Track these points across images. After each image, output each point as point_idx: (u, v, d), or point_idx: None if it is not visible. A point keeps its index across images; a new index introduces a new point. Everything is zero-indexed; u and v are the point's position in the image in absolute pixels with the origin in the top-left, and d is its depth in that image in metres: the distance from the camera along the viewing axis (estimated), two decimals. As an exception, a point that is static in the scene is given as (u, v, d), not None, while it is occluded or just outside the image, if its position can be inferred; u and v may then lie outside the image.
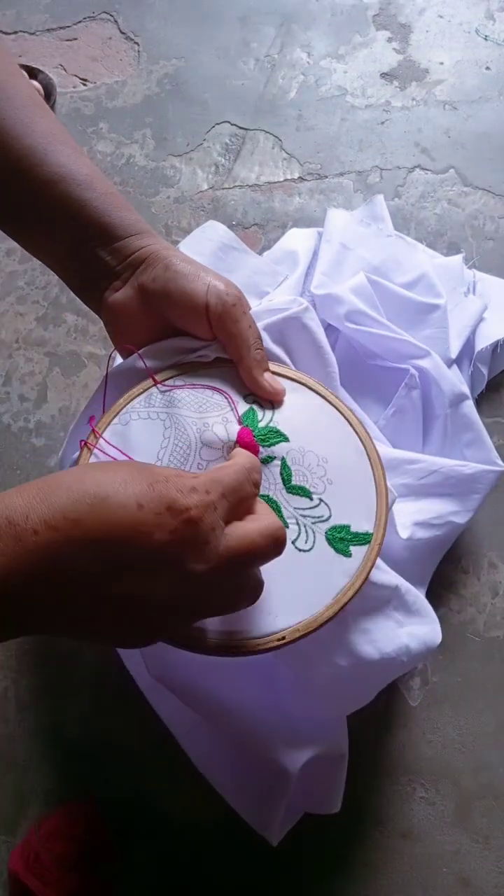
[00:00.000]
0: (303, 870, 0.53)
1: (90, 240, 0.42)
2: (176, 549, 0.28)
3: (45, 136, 0.41)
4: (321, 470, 0.42)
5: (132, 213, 0.43)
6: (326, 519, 0.41)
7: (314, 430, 0.43)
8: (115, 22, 0.84)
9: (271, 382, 0.43)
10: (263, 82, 0.81)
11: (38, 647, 0.58)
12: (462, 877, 0.53)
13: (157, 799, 0.54)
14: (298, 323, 0.47)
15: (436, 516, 0.54)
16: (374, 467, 0.43)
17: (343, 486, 0.42)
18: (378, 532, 0.41)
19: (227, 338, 0.42)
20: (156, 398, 0.43)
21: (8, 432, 0.65)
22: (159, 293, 0.41)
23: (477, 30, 0.83)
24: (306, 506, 0.42)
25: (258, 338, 0.43)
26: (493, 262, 0.71)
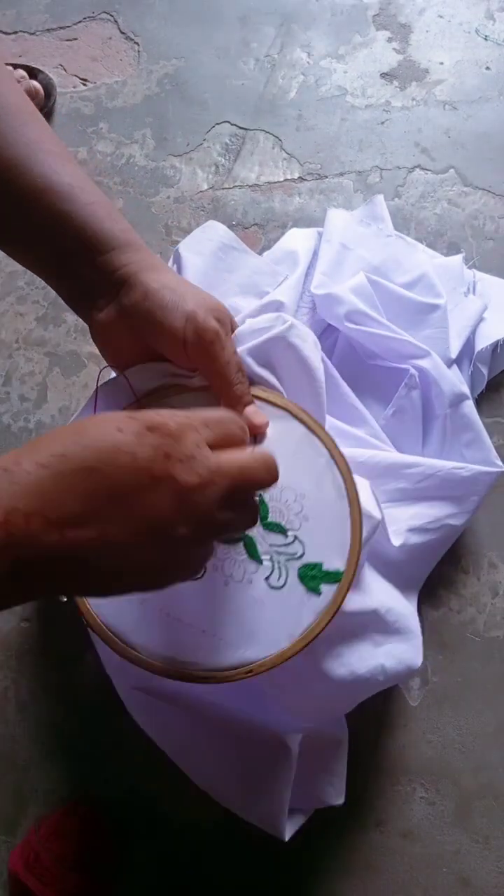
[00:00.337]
0: (303, 870, 0.53)
1: (73, 255, 0.41)
2: (162, 463, 0.29)
3: (29, 145, 0.39)
4: (298, 506, 0.43)
5: (116, 223, 0.41)
6: (300, 556, 0.42)
7: (295, 463, 0.43)
8: (115, 22, 0.84)
9: (253, 418, 0.42)
10: (263, 82, 0.81)
11: (39, 648, 0.58)
12: (462, 877, 0.53)
13: (157, 799, 0.54)
14: (284, 342, 0.45)
15: (432, 520, 0.54)
16: (352, 504, 0.43)
17: (319, 522, 0.42)
18: (349, 571, 0.42)
19: (207, 374, 0.42)
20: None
21: (8, 432, 0.65)
22: (139, 322, 0.41)
23: (477, 30, 0.83)
24: (281, 542, 0.42)
25: (239, 370, 0.42)
26: (493, 262, 0.71)
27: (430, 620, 0.59)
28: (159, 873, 0.53)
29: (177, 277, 0.42)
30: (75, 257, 0.41)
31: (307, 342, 0.46)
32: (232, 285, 0.60)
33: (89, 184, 0.41)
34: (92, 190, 0.41)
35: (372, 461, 0.53)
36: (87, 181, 0.41)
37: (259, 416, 0.43)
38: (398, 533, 0.53)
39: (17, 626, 0.59)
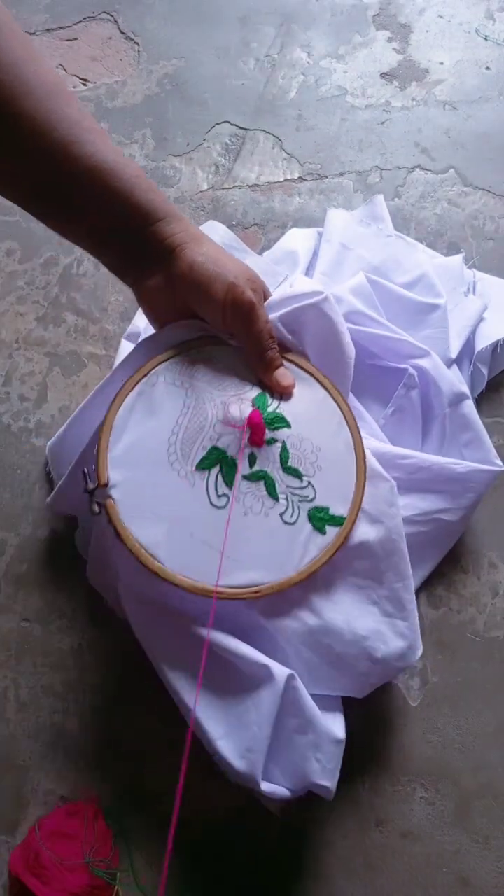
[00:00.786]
0: (303, 870, 0.53)
1: (122, 227, 0.45)
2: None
3: (70, 126, 0.42)
4: (314, 457, 0.49)
5: (158, 195, 0.45)
6: (311, 500, 0.48)
7: (314, 420, 0.49)
8: (115, 22, 0.84)
9: (280, 380, 0.49)
10: (263, 82, 0.81)
11: (38, 648, 0.58)
12: (462, 876, 0.53)
13: (158, 798, 0.54)
14: (317, 311, 0.50)
15: (421, 513, 0.54)
16: (358, 462, 0.49)
17: (330, 473, 0.49)
18: (351, 517, 0.48)
19: (243, 339, 0.48)
20: (181, 366, 0.49)
21: (8, 432, 0.65)
22: (185, 291, 0.47)
23: (477, 30, 0.83)
24: (297, 485, 0.48)
25: (271, 337, 0.48)
26: (493, 262, 0.71)
27: (430, 620, 0.59)
28: (159, 873, 0.53)
29: (217, 248, 0.47)
30: (125, 229, 0.45)
31: (339, 315, 0.50)
32: (232, 285, 0.60)
33: (129, 160, 0.46)
34: (132, 165, 0.45)
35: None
36: (126, 158, 0.45)
37: (287, 378, 0.49)
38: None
39: (18, 627, 0.59)
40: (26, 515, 0.62)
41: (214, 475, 0.47)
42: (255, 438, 0.47)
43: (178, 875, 0.53)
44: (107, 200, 0.43)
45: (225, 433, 0.47)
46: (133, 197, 0.44)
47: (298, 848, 0.53)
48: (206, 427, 0.48)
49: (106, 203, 0.44)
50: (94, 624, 0.58)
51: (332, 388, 0.50)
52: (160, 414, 0.48)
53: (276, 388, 0.49)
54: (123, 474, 0.47)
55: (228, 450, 0.47)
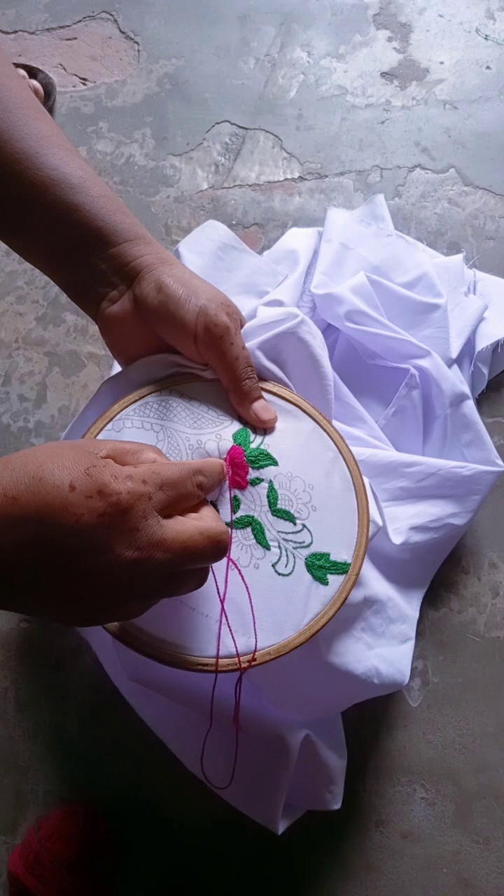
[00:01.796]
0: (303, 870, 0.53)
1: (83, 246, 0.41)
2: (104, 532, 0.29)
3: (39, 139, 0.40)
4: (307, 496, 0.42)
5: (127, 217, 0.42)
6: (308, 545, 0.42)
7: (304, 455, 0.43)
8: (114, 21, 0.84)
9: (259, 413, 0.43)
10: (263, 82, 0.81)
11: (38, 648, 0.58)
12: (462, 878, 0.53)
13: (157, 799, 0.54)
14: (294, 338, 0.45)
15: (434, 519, 0.54)
16: (359, 498, 0.43)
17: (327, 513, 0.42)
18: (356, 563, 0.41)
19: (217, 368, 0.42)
20: (151, 407, 0.43)
21: (7, 432, 0.65)
22: (152, 314, 0.41)
23: (477, 29, 0.83)
24: (289, 530, 0.42)
25: (248, 365, 0.42)
26: (494, 261, 0.71)
27: (431, 620, 0.59)
28: (159, 873, 0.53)
29: (188, 271, 0.42)
30: (86, 248, 0.41)
31: (317, 338, 0.46)
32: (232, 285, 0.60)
33: (97, 178, 0.42)
34: (101, 185, 0.42)
35: (373, 459, 0.53)
36: (96, 176, 0.42)
37: (267, 412, 0.43)
38: (400, 531, 0.53)
39: (17, 627, 0.59)
40: (26, 515, 0.62)
41: None
42: (238, 478, 0.41)
43: (177, 875, 0.53)
44: (68, 217, 0.40)
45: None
46: (97, 215, 0.40)
47: (298, 849, 0.53)
48: None
49: (67, 219, 0.40)
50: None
51: (321, 418, 0.45)
52: None
53: (256, 422, 0.43)
54: None
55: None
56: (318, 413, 0.45)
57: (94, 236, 0.41)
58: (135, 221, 0.42)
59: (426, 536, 0.54)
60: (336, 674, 0.46)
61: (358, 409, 0.56)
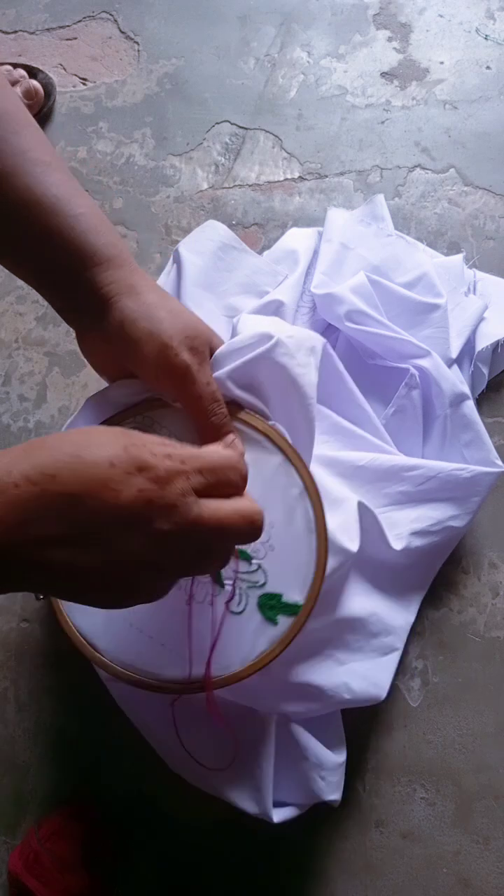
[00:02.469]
0: (303, 870, 0.53)
1: (57, 270, 0.40)
2: (143, 507, 0.29)
3: (14, 156, 0.39)
4: (266, 535, 0.42)
5: (101, 236, 0.40)
6: (261, 585, 0.42)
7: (268, 491, 0.43)
8: (114, 21, 0.84)
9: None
10: (263, 82, 0.81)
11: (38, 648, 0.58)
12: (462, 878, 0.53)
13: (158, 799, 0.54)
14: (269, 362, 0.44)
15: (434, 523, 0.54)
16: (319, 539, 0.42)
17: (284, 553, 0.42)
18: (307, 605, 0.42)
19: (184, 404, 0.41)
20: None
21: (7, 432, 0.65)
22: (117, 349, 0.41)
23: (477, 29, 0.83)
24: (245, 569, 0.43)
25: (214, 401, 0.41)
26: (494, 261, 0.71)
27: (431, 620, 0.59)
28: (159, 873, 0.53)
29: (156, 298, 0.41)
30: (60, 272, 0.40)
31: (297, 356, 0.45)
32: (232, 285, 0.60)
33: (77, 195, 0.40)
34: (79, 202, 0.40)
35: (373, 465, 0.53)
36: (75, 192, 0.40)
37: (235, 448, 0.41)
38: (400, 537, 0.53)
39: (17, 627, 0.59)
40: (26, 515, 0.62)
41: None
42: None
43: (177, 875, 0.53)
44: (40, 240, 0.39)
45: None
46: (68, 237, 0.39)
47: (298, 849, 0.53)
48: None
49: (40, 243, 0.39)
50: (93, 624, 0.58)
51: (291, 451, 0.43)
52: None
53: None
54: None
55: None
56: (288, 446, 0.43)
57: (67, 260, 0.40)
58: (109, 241, 0.41)
59: (426, 541, 0.54)
60: (303, 689, 0.47)
61: (364, 408, 0.56)
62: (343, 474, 0.52)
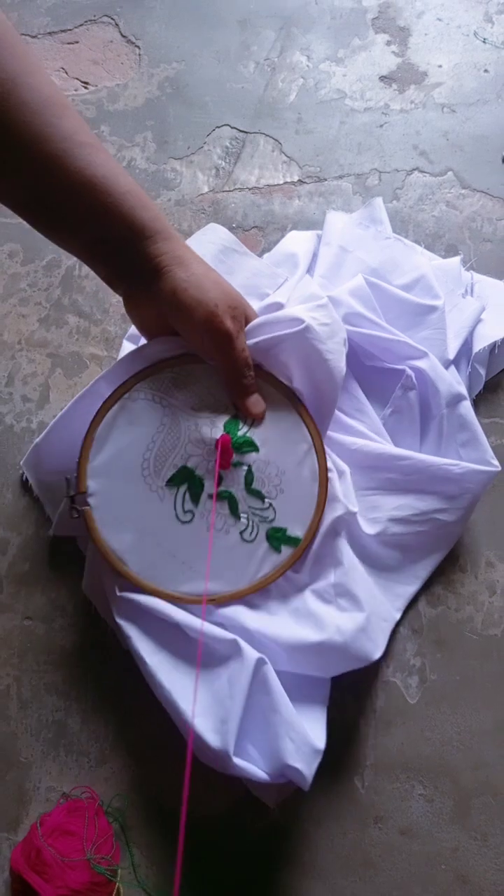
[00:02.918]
0: (302, 867, 0.53)
1: (110, 242, 0.45)
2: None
3: (63, 139, 0.42)
4: (277, 480, 0.52)
5: (148, 211, 0.45)
6: (271, 520, 0.52)
7: (282, 445, 0.52)
8: (116, 25, 0.85)
9: (251, 407, 0.51)
10: (263, 85, 0.81)
11: (41, 646, 0.59)
12: (460, 874, 0.53)
13: (160, 795, 0.55)
14: (299, 338, 0.50)
15: (418, 513, 0.55)
16: (321, 488, 0.52)
17: (291, 496, 0.52)
18: (306, 539, 0.52)
19: (220, 366, 0.50)
20: (163, 383, 0.51)
21: (10, 432, 0.66)
22: (167, 313, 0.48)
23: (475, 33, 0.84)
24: (258, 506, 0.52)
25: (246, 366, 0.49)
26: (491, 263, 0.71)
27: (429, 618, 0.59)
28: (161, 870, 0.53)
29: (203, 269, 0.47)
30: (112, 245, 0.46)
31: (326, 343, 0.51)
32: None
33: (122, 173, 0.45)
34: (125, 179, 0.45)
35: (364, 449, 0.55)
36: (119, 170, 0.45)
37: (258, 406, 0.51)
38: (378, 521, 0.54)
39: (20, 625, 0.59)
40: (29, 515, 0.62)
41: (182, 492, 0.51)
42: (223, 462, 0.50)
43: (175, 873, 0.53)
44: (95, 216, 0.44)
45: (194, 454, 0.51)
46: (121, 213, 0.44)
47: (297, 845, 0.54)
48: (178, 446, 0.51)
49: (94, 218, 0.44)
50: (95, 622, 0.59)
51: (304, 412, 0.52)
52: (138, 429, 0.51)
53: (248, 413, 0.51)
54: (101, 484, 0.51)
55: (197, 469, 0.51)
56: (302, 407, 0.52)
57: (119, 235, 0.45)
58: (155, 215, 0.46)
59: (408, 529, 0.54)
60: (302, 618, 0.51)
61: (362, 403, 0.57)
62: (339, 454, 0.56)
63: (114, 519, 0.51)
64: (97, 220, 0.44)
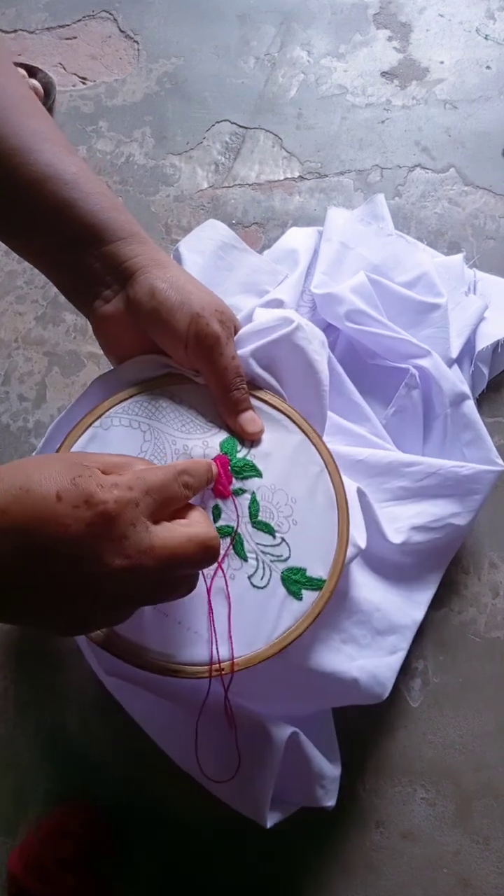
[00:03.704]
0: (303, 870, 0.53)
1: (77, 243, 0.41)
2: (92, 541, 0.29)
3: (32, 135, 0.39)
4: (288, 509, 0.42)
5: (122, 214, 0.41)
6: (285, 559, 0.42)
7: (289, 468, 0.43)
8: (114, 20, 0.84)
9: (245, 426, 0.43)
10: (263, 81, 0.81)
11: (39, 648, 0.58)
12: (462, 878, 0.53)
13: (157, 798, 0.54)
14: (289, 344, 0.45)
15: (435, 519, 0.54)
16: (341, 515, 0.43)
17: (307, 528, 0.42)
18: (332, 580, 0.41)
19: (206, 377, 0.42)
20: (141, 406, 0.43)
21: (7, 432, 0.65)
22: (144, 319, 0.41)
23: (477, 29, 0.83)
24: (268, 543, 0.42)
25: (238, 376, 0.42)
26: (494, 261, 0.71)
27: (431, 620, 0.59)
28: (159, 873, 0.53)
29: (183, 275, 0.42)
30: (80, 245, 0.41)
31: (313, 343, 0.45)
32: (232, 284, 0.60)
33: (93, 175, 0.41)
34: (95, 181, 0.41)
35: (372, 459, 0.53)
36: (91, 172, 0.41)
37: (253, 425, 0.43)
38: (400, 531, 0.52)
39: (18, 627, 0.59)
40: (25, 515, 0.62)
41: None
42: (221, 488, 0.41)
43: (177, 875, 0.53)
44: (61, 213, 0.40)
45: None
46: (91, 211, 0.40)
47: (298, 849, 0.53)
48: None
49: (60, 216, 0.40)
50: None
51: (311, 431, 0.44)
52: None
53: (242, 433, 0.43)
54: None
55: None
56: (307, 425, 0.44)
57: (88, 233, 0.40)
58: (129, 219, 0.41)
59: (428, 537, 0.53)
60: (313, 679, 0.46)
61: (362, 406, 0.56)
62: (343, 468, 0.52)
63: None
64: (64, 217, 0.40)
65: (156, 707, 0.48)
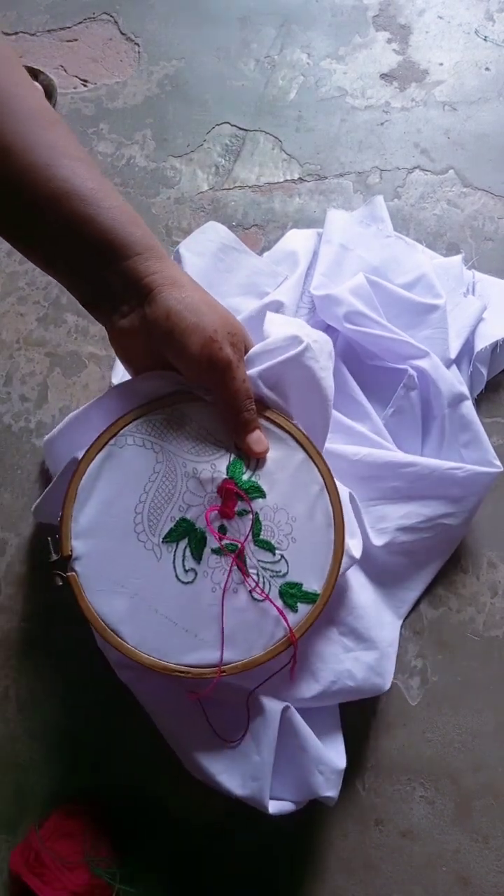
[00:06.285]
0: (303, 869, 0.53)
1: (95, 258, 0.41)
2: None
3: (49, 148, 0.40)
4: (288, 528, 0.46)
5: (138, 228, 0.42)
6: (283, 574, 0.46)
7: (291, 487, 0.46)
8: (115, 23, 0.84)
9: (253, 446, 0.45)
10: (263, 83, 0.81)
11: (39, 647, 0.58)
12: (461, 876, 0.53)
13: (158, 798, 0.55)
14: (296, 363, 0.46)
15: (424, 519, 0.54)
16: (337, 533, 0.46)
17: (305, 545, 0.46)
18: (325, 594, 0.46)
19: (218, 398, 0.45)
20: (154, 426, 0.46)
21: (9, 432, 0.65)
22: (159, 339, 0.43)
23: (476, 31, 0.83)
24: (268, 559, 0.46)
25: (247, 398, 0.45)
26: (493, 262, 0.71)
27: (430, 620, 0.59)
28: (160, 872, 0.53)
29: (198, 293, 0.43)
30: (98, 261, 0.41)
31: (321, 360, 0.47)
32: (232, 286, 0.60)
33: (111, 189, 0.42)
34: (114, 195, 0.41)
35: (368, 458, 0.54)
36: (109, 186, 0.42)
37: (260, 445, 0.45)
38: (385, 532, 0.53)
39: (18, 626, 0.59)
40: (27, 516, 0.62)
41: (182, 548, 0.45)
42: (226, 510, 0.45)
43: (177, 875, 0.53)
44: (79, 229, 0.40)
45: (194, 503, 0.45)
46: (108, 227, 0.40)
47: (298, 847, 0.53)
48: (175, 496, 0.45)
49: (79, 232, 0.40)
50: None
51: (313, 450, 0.47)
52: (128, 479, 0.45)
53: (249, 453, 0.45)
54: (88, 545, 0.45)
55: (198, 521, 0.45)
56: (310, 445, 0.47)
57: (106, 249, 0.41)
58: (146, 233, 0.42)
59: (415, 537, 0.54)
60: (310, 671, 0.48)
61: (363, 405, 0.56)
62: (339, 467, 0.53)
63: (104, 584, 0.45)
64: (82, 233, 0.40)
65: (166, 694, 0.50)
